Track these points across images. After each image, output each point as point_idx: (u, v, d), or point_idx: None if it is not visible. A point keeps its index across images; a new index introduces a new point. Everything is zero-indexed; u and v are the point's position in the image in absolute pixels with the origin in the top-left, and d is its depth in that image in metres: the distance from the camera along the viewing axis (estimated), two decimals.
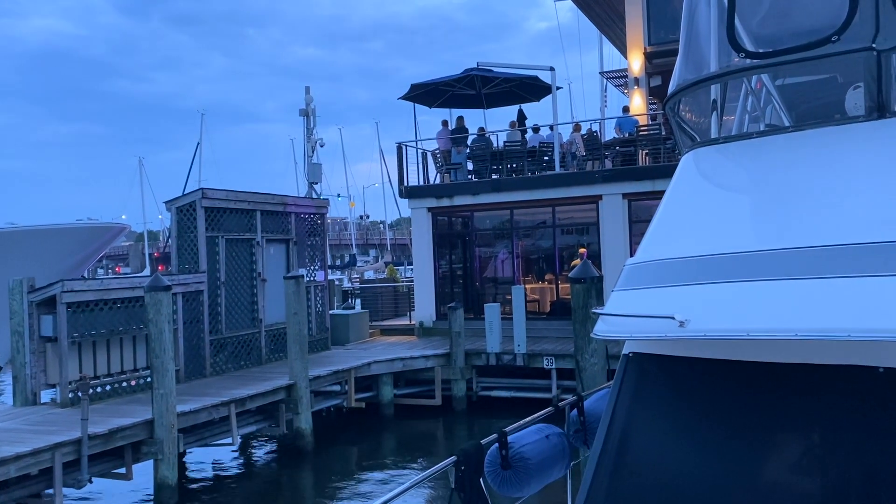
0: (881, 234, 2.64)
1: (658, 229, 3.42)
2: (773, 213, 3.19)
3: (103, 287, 12.85)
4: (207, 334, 14.33)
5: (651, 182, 16.12)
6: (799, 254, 2.75)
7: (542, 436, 3.98)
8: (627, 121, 18.42)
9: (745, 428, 2.94)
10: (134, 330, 12.91)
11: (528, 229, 19.00)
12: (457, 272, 19.78)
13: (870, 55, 3.07)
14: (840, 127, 3.28)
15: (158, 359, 10.58)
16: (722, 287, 2.86)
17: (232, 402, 11.90)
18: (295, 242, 16.89)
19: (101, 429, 9.95)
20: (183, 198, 14.65)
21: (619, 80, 26.01)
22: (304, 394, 13.04)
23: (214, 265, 14.68)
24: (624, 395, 3.26)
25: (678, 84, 3.82)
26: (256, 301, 15.65)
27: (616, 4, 21.09)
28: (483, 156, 18.90)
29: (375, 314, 20.59)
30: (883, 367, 2.63)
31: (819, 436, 2.82)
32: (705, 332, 2.76)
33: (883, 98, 3.10)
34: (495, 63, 20.13)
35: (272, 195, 16.42)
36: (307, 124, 19.86)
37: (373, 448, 14.01)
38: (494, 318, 15.43)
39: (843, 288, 2.59)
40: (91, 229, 22.47)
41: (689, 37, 3.93)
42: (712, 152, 3.65)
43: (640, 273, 3.21)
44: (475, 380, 15.79)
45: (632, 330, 3.02)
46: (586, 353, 9.36)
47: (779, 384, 2.88)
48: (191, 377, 13.78)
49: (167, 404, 10.49)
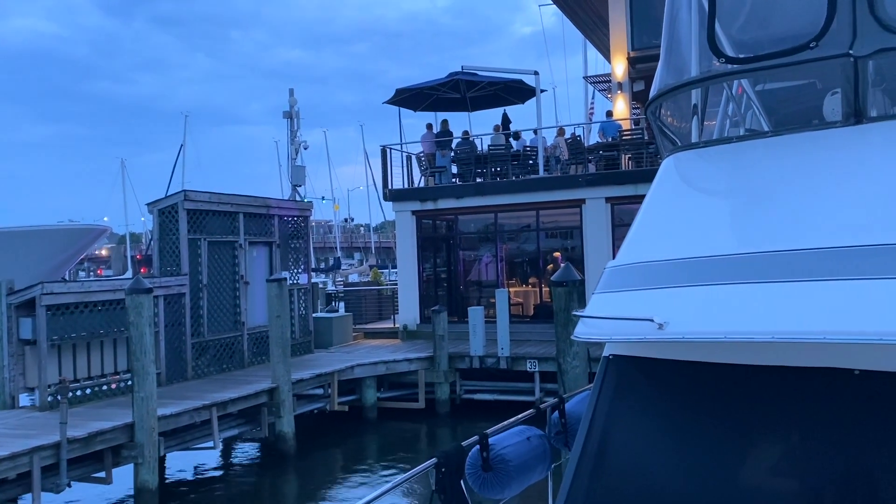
0: (857, 238, 2.67)
1: (639, 232, 3.44)
2: (751, 217, 3.22)
3: (84, 289, 12.72)
4: (189, 337, 14.22)
5: (634, 186, 16.21)
6: (777, 257, 2.78)
7: (524, 438, 3.98)
8: (611, 125, 18.53)
9: (723, 429, 2.97)
10: (115, 333, 12.79)
11: (512, 233, 19.05)
12: (441, 275, 19.78)
13: (847, 61, 3.11)
14: (818, 132, 3.32)
15: (139, 362, 10.49)
16: (701, 290, 2.89)
17: (213, 405, 11.82)
18: (278, 245, 16.81)
19: (81, 432, 9.84)
20: (165, 200, 14.55)
21: (602, 84, 26.15)
22: (287, 397, 12.98)
23: (196, 268, 14.58)
24: (604, 397, 3.27)
25: (659, 88, 3.85)
26: (239, 304, 15.56)
27: (600, 9, 21.22)
28: (467, 159, 18.93)
29: (359, 317, 20.53)
30: (858, 370, 2.66)
31: (796, 437, 2.85)
32: (684, 334, 2.78)
33: (860, 104, 3.15)
34: (480, 67, 20.16)
35: (255, 197, 16.35)
36: (291, 127, 19.82)
37: (355, 451, 13.96)
38: (478, 322, 15.45)
39: (820, 291, 2.62)
40: (72, 231, 22.28)
41: (671, 42, 3.97)
42: (693, 156, 3.68)
43: (621, 275, 3.23)
44: (459, 383, 15.79)
45: (612, 332, 3.04)
46: (568, 356, 9.40)
47: (757, 386, 2.91)
48: (172, 380, 13.66)
49: (148, 407, 10.40)
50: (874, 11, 3.09)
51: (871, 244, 2.64)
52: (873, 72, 3.20)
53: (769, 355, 2.81)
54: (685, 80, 3.74)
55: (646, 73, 18.79)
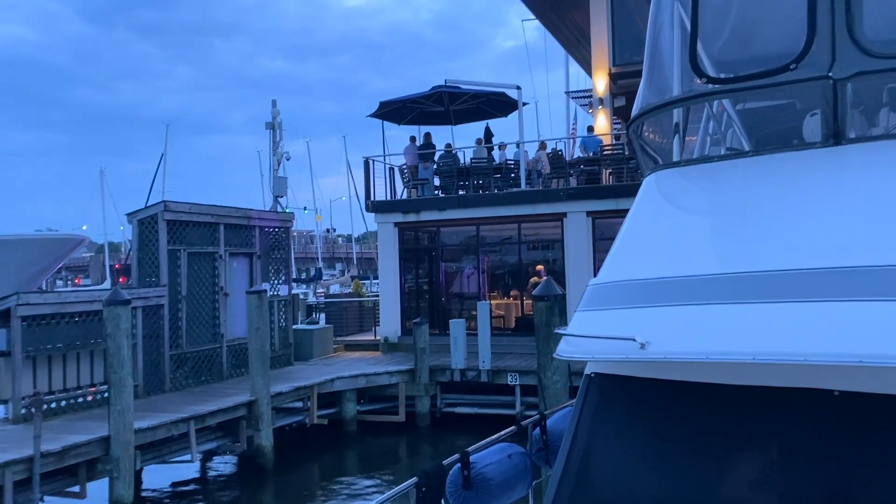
0: (837, 259, 2.69)
1: (621, 250, 3.45)
2: (733, 237, 3.24)
3: (60, 300, 12.55)
4: (168, 349, 14.06)
5: (614, 200, 16.31)
6: (758, 278, 2.80)
7: (505, 455, 3.97)
8: (592, 140, 18.65)
9: (705, 449, 2.97)
10: (92, 344, 12.61)
11: (494, 245, 19.07)
12: (423, 287, 19.75)
13: (826, 83, 3.15)
14: (798, 153, 3.35)
15: (116, 374, 10.35)
16: (683, 309, 2.89)
17: (191, 418, 11.67)
18: (258, 256, 16.70)
19: (55, 446, 9.68)
20: (145, 210, 14.42)
21: (584, 99, 26.36)
22: (266, 410, 12.85)
23: (176, 279, 14.44)
24: (586, 416, 3.27)
25: (641, 107, 3.87)
26: (218, 316, 15.42)
27: (582, 25, 21.41)
28: (450, 172, 18.96)
29: (340, 329, 20.41)
30: (838, 391, 2.67)
31: (777, 457, 2.85)
32: (666, 354, 2.79)
33: (839, 125, 3.18)
34: (463, 80, 20.24)
35: (236, 208, 16.24)
36: (273, 138, 19.74)
37: (335, 465, 13.84)
38: (459, 334, 15.42)
39: (801, 312, 2.64)
40: (49, 241, 21.99)
41: (653, 61, 4.00)
42: (674, 175, 3.70)
43: (603, 294, 3.24)
44: (439, 396, 15.74)
45: (594, 351, 3.04)
46: (549, 371, 9.40)
47: (738, 406, 2.92)
48: (150, 392, 13.49)
49: (124, 421, 10.25)
50: (853, 34, 3.14)
51: (850, 266, 2.66)
52: (852, 94, 3.25)
53: (750, 375, 2.82)
54: (667, 100, 3.77)
55: (627, 88, 18.96)
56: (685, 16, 3.68)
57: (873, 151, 3.18)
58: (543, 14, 22.50)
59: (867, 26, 3.17)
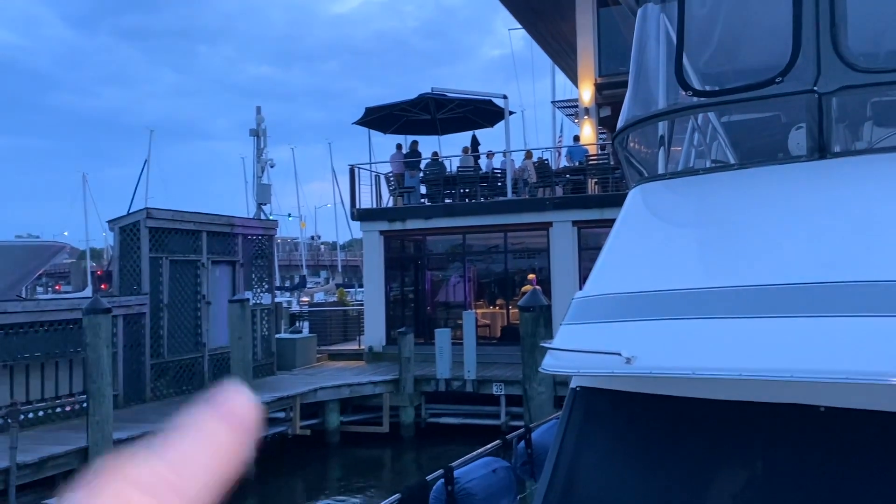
0: (822, 274, 2.69)
1: (606, 263, 3.43)
2: (718, 251, 3.23)
3: (39, 308, 12.37)
4: (149, 358, 13.89)
5: (600, 210, 16.35)
6: (743, 292, 2.78)
7: (489, 470, 3.92)
8: (578, 150, 18.71)
9: (690, 463, 2.95)
10: (71, 353, 12.43)
11: (480, 254, 19.05)
12: (408, 296, 19.67)
13: (811, 97, 3.15)
14: (783, 166, 3.35)
15: (95, 384, 10.20)
16: (669, 324, 2.87)
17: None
18: (241, 264, 16.57)
19: (32, 457, 9.51)
20: (126, 217, 14.27)
21: (570, 109, 26.46)
22: None
23: (157, 287, 14.29)
24: (571, 430, 3.24)
25: (627, 119, 3.86)
26: (200, 324, 15.27)
27: (568, 36, 21.51)
28: (436, 180, 18.93)
29: (324, 338, 20.26)
30: (824, 406, 2.66)
31: (762, 471, 2.84)
32: (652, 369, 2.76)
33: (824, 139, 3.18)
34: (450, 88, 20.25)
35: (219, 216, 16.11)
36: (258, 145, 19.63)
37: (317, 477, 13.71)
38: (445, 344, 15.35)
39: (787, 327, 2.62)
40: (29, 248, 21.71)
41: (639, 73, 3.99)
42: (659, 188, 3.69)
43: (589, 307, 3.21)
44: (424, 406, 15.63)
45: (579, 365, 3.01)
46: (534, 382, 9.36)
47: (724, 421, 2.90)
48: (130, 402, 13.31)
49: (103, 431, 10.09)
50: (838, 49, 3.14)
51: (836, 281, 2.65)
52: (837, 108, 3.25)
53: (736, 390, 2.80)
54: (652, 112, 3.76)
55: (612, 99, 19.05)
56: (671, 29, 3.68)
57: (858, 165, 3.19)
58: (530, 24, 22.60)
59: (852, 41, 3.18)
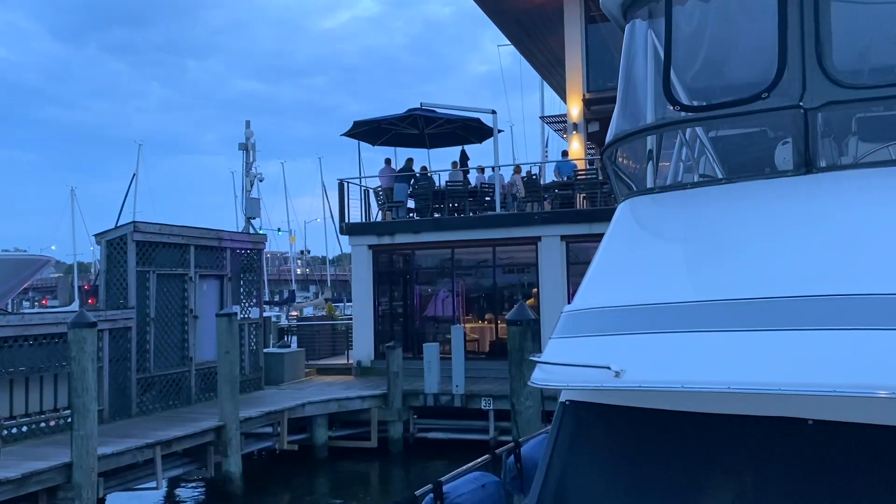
0: (809, 288, 2.70)
1: (595, 277, 3.44)
2: (706, 265, 3.24)
3: (24, 322, 12.23)
4: (135, 372, 13.76)
5: (588, 225, 16.40)
6: (731, 306, 2.79)
7: (478, 485, 3.90)
8: (566, 165, 18.79)
9: (679, 476, 2.95)
10: (56, 367, 12.29)
11: (469, 269, 19.04)
12: (397, 310, 19.62)
13: (797, 113, 3.18)
14: (770, 181, 3.38)
15: (80, 399, 10.08)
16: (657, 337, 2.88)
17: (157, 444, 11.39)
18: (229, 278, 16.48)
19: (14, 473, 9.36)
20: (113, 231, 14.18)
21: (558, 124, 26.62)
22: (234, 436, 12.60)
23: (144, 301, 14.18)
24: (561, 443, 3.23)
25: (615, 134, 3.89)
26: (187, 339, 15.15)
27: (556, 51, 21.67)
28: (425, 194, 18.96)
29: (312, 353, 20.15)
30: (812, 420, 2.67)
31: (751, 485, 2.84)
32: (640, 382, 2.77)
33: (810, 154, 3.21)
34: (438, 104, 20.33)
35: (207, 230, 16.04)
36: (246, 159, 19.61)
37: (305, 493, 13.58)
38: (433, 359, 15.30)
39: (774, 341, 2.63)
40: (13, 262, 21.55)
41: (627, 89, 4.02)
42: (648, 202, 3.71)
43: (577, 321, 3.21)
44: (412, 421, 15.55)
45: (568, 379, 3.01)
46: (522, 396, 9.34)
47: (713, 434, 2.90)
48: (115, 417, 13.16)
49: (87, 447, 9.96)
50: (822, 65, 3.18)
51: (822, 294, 2.67)
52: (822, 123, 3.29)
53: (725, 404, 2.80)
54: (640, 127, 3.79)
55: (601, 114, 19.18)
56: (658, 44, 3.71)
57: (844, 180, 3.22)
58: (518, 40, 22.76)
59: (836, 57, 3.22)
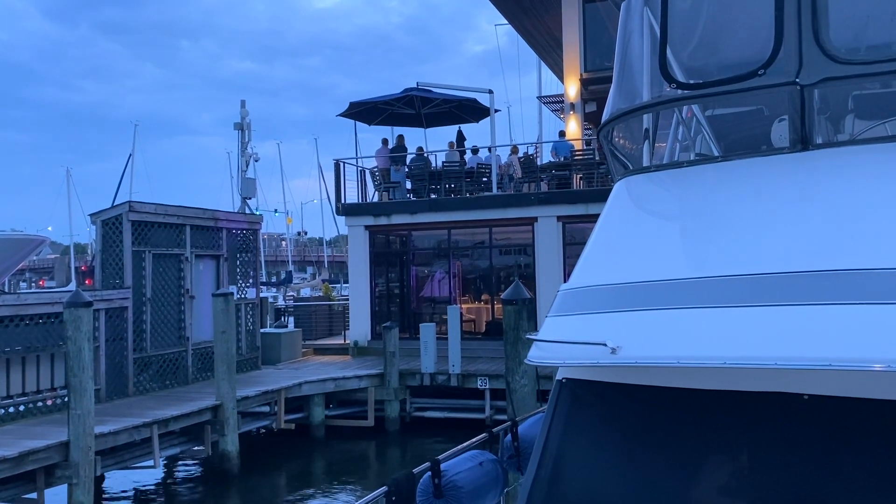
0: (805, 263, 2.71)
1: (591, 255, 3.44)
2: (702, 242, 3.25)
3: (20, 302, 12.22)
4: (131, 352, 13.79)
5: (585, 205, 16.40)
6: (727, 282, 2.80)
7: (476, 463, 3.92)
8: (563, 145, 18.75)
9: (676, 453, 2.96)
10: (52, 347, 12.31)
11: (466, 249, 19.05)
12: (393, 291, 19.65)
13: (794, 89, 3.17)
14: (766, 158, 3.37)
15: (76, 378, 10.10)
16: (653, 314, 2.88)
17: (154, 422, 11.44)
18: (226, 259, 16.47)
19: (11, 451, 9.41)
20: (109, 210, 14.14)
21: (555, 105, 26.51)
22: (231, 415, 12.66)
23: (140, 281, 14.18)
24: (557, 421, 3.24)
25: (611, 112, 3.87)
26: (184, 318, 15.17)
27: (554, 31, 21.54)
28: (421, 175, 18.90)
29: (309, 333, 20.21)
30: (808, 395, 2.68)
31: (747, 461, 2.86)
32: (636, 359, 2.77)
33: (806, 131, 3.20)
34: (435, 84, 20.22)
35: (203, 210, 16.00)
36: (242, 139, 19.50)
37: (302, 471, 13.68)
38: (429, 339, 15.36)
39: (770, 316, 2.64)
40: (8, 241, 21.47)
41: (623, 67, 4.00)
42: (644, 180, 3.70)
43: (574, 299, 3.22)
44: (409, 400, 15.64)
45: (565, 356, 3.02)
46: (517, 375, 9.38)
47: (709, 410, 2.91)
48: (112, 396, 13.21)
49: (84, 425, 10.00)
50: (819, 41, 3.16)
51: (818, 270, 2.67)
52: (819, 100, 3.27)
53: (721, 380, 2.81)
54: (637, 105, 3.77)
55: (598, 94, 19.10)
56: (654, 22, 3.68)
57: (840, 156, 3.21)
58: (516, 19, 22.60)
59: (833, 33, 3.20)
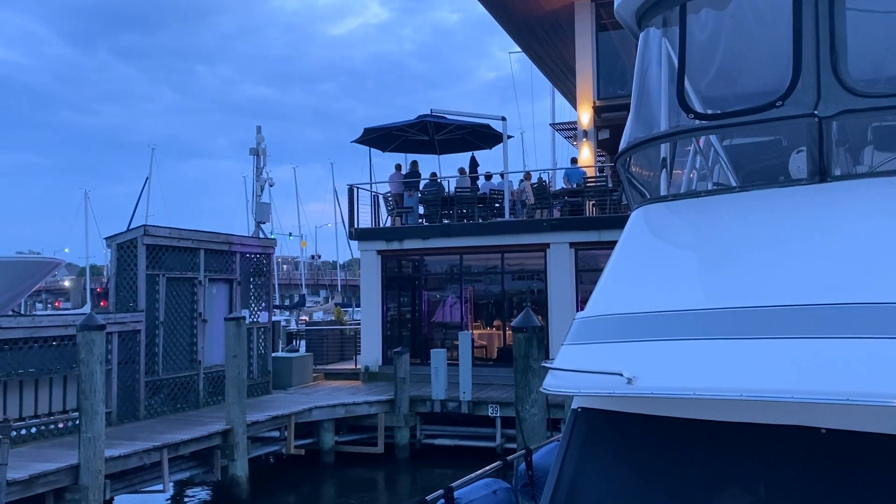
0: (823, 297, 2.69)
1: (608, 284, 3.43)
2: (719, 273, 3.23)
3: (34, 324, 12.29)
4: (143, 375, 13.80)
5: (597, 232, 16.38)
6: (745, 314, 2.78)
7: (489, 491, 3.89)
8: (576, 172, 18.77)
9: (691, 485, 2.93)
10: (65, 369, 12.34)
11: (477, 275, 19.03)
12: (405, 316, 19.61)
13: (812, 121, 3.17)
14: (784, 189, 3.36)
15: (88, 401, 10.11)
16: (670, 344, 2.87)
17: (164, 446, 11.41)
18: (239, 282, 16.53)
19: (22, 474, 9.39)
20: (124, 234, 14.25)
21: (568, 132, 26.60)
22: (241, 440, 12.61)
23: (154, 304, 14.24)
24: (572, 450, 3.21)
25: (629, 141, 3.88)
26: (196, 342, 15.19)
27: (567, 59, 21.68)
28: (434, 200, 18.97)
29: (320, 357, 20.18)
30: (825, 429, 2.65)
31: (763, 493, 2.82)
32: (653, 390, 2.75)
33: (824, 163, 3.20)
34: (448, 110, 20.36)
35: (217, 234, 16.10)
36: (257, 164, 19.68)
37: (311, 498, 13.57)
38: (440, 365, 15.28)
39: (787, 349, 2.62)
40: (24, 264, 21.65)
41: (641, 96, 4.02)
42: (661, 209, 3.70)
43: (590, 328, 3.20)
44: (419, 427, 15.53)
45: (580, 385, 3.00)
46: (527, 404, 9.30)
47: (725, 442, 2.88)
48: (123, 420, 13.20)
49: (95, 449, 9.99)
50: (838, 73, 3.17)
51: (837, 303, 2.65)
52: (837, 132, 3.27)
53: (738, 412, 2.79)
54: (654, 135, 3.78)
55: (611, 121, 19.15)
56: (672, 52, 3.71)
57: (858, 189, 3.20)
58: (529, 47, 22.79)
59: (851, 65, 3.20)
